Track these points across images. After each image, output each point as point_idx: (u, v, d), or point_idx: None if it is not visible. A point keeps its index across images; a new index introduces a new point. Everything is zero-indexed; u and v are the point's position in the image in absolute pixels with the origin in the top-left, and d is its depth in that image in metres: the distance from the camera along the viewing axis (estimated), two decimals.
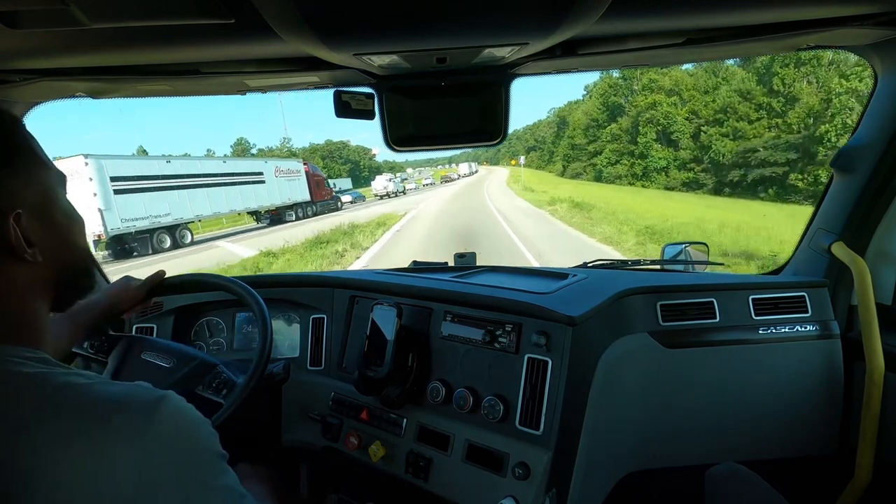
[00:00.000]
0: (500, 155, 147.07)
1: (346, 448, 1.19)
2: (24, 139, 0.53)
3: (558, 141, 71.80)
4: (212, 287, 1.15)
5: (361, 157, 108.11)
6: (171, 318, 1.44)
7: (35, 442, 0.41)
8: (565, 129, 69.72)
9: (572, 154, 55.96)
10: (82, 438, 0.42)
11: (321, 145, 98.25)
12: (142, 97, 1.20)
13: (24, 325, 0.52)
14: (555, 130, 78.80)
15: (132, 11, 0.68)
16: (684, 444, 1.33)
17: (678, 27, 0.91)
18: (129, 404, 0.45)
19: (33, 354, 0.49)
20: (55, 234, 0.54)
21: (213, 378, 1.04)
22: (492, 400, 1.03)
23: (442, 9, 0.69)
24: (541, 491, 0.93)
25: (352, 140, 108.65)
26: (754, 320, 1.29)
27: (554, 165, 70.99)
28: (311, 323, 1.40)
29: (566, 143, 57.79)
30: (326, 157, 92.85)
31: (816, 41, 1.03)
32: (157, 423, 0.45)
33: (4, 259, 0.49)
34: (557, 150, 70.17)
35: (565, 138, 59.63)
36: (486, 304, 1.13)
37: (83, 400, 0.45)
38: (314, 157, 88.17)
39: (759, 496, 0.91)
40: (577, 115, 56.20)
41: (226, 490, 0.49)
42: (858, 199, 1.21)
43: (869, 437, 1.18)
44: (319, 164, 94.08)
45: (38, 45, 0.82)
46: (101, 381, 0.48)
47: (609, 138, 44.87)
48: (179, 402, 0.49)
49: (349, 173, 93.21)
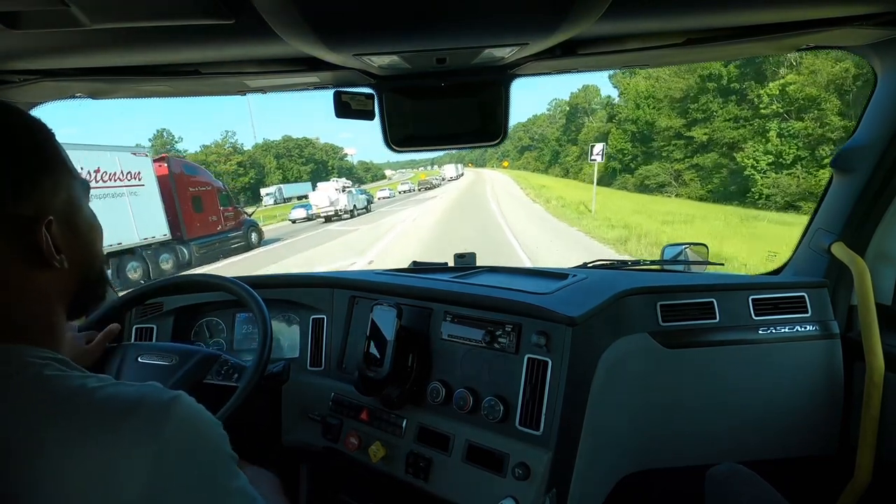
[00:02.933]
0: (486, 156, 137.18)
1: (346, 448, 1.19)
2: (54, 148, 0.54)
3: (567, 141, 60.83)
4: (212, 287, 1.15)
5: (330, 157, 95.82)
6: (171, 319, 1.44)
7: (45, 442, 0.41)
8: (579, 121, 57.72)
9: (637, 151, 37.44)
10: (92, 441, 0.42)
11: (276, 142, 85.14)
12: (142, 97, 1.20)
13: (47, 329, 0.52)
14: (562, 125, 65.50)
15: (132, 12, 0.68)
16: (684, 445, 1.33)
17: (678, 27, 0.91)
18: (141, 406, 0.45)
19: (53, 356, 0.49)
20: (80, 242, 0.55)
21: (220, 366, 1.05)
22: (492, 400, 1.03)
23: (442, 9, 0.69)
24: (541, 491, 0.93)
25: (321, 138, 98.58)
26: (754, 320, 1.29)
27: (558, 168, 61.69)
28: (311, 323, 1.40)
29: (620, 135, 39.02)
30: (283, 155, 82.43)
31: (816, 41, 1.03)
32: (169, 424, 0.45)
33: (34, 266, 0.50)
34: (565, 150, 60.58)
35: (626, 122, 38.61)
36: (486, 304, 1.13)
37: (95, 402, 0.45)
38: (265, 156, 78.78)
39: (760, 496, 0.91)
40: (642, 85, 37.00)
41: (239, 493, 0.49)
42: (858, 199, 1.21)
43: (869, 438, 1.18)
44: (271, 164, 79.49)
45: (38, 45, 0.82)
46: (114, 383, 0.48)
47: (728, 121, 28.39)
48: (192, 403, 0.49)
49: (311, 175, 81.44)
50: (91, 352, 1.00)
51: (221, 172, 67.43)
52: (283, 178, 78.42)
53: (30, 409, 0.43)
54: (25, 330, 0.50)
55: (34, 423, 0.43)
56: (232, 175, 69.88)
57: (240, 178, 71.96)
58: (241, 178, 72.02)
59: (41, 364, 0.47)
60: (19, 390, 0.44)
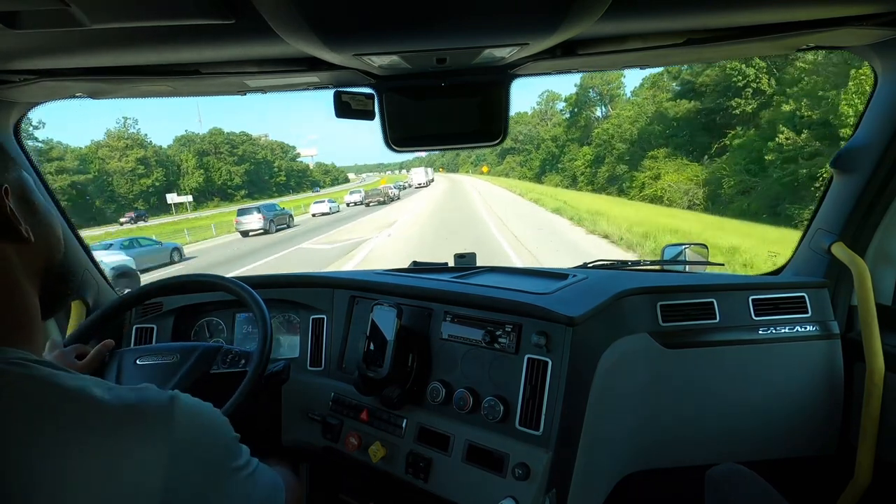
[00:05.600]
0: (459, 161, 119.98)
1: (346, 448, 1.19)
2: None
3: (569, 140, 47.88)
4: (212, 287, 1.15)
5: (277, 157, 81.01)
6: (171, 319, 1.44)
7: (45, 448, 0.41)
8: (584, 116, 45.91)
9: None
10: (95, 442, 0.42)
11: (200, 136, 67.92)
12: (142, 97, 1.20)
13: (24, 325, 0.52)
14: (566, 121, 51.39)
15: (132, 12, 0.68)
16: (684, 445, 1.33)
17: (678, 27, 0.91)
18: (145, 408, 0.46)
19: (36, 357, 0.49)
20: (38, 220, 0.56)
21: (223, 356, 1.06)
22: (492, 400, 1.03)
23: (442, 9, 0.69)
24: (541, 491, 0.93)
25: (270, 135, 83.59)
26: (754, 321, 1.29)
27: (555, 176, 47.31)
28: (311, 323, 1.40)
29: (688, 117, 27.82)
30: (208, 152, 66.62)
31: (816, 41, 1.03)
32: (176, 424, 0.46)
33: (1, 235, 0.50)
34: (570, 152, 45.95)
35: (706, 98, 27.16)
36: (486, 304, 1.13)
37: (95, 406, 0.45)
38: (182, 152, 63.02)
39: (760, 496, 0.91)
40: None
41: (243, 468, 0.53)
42: (858, 200, 1.21)
43: (869, 438, 1.18)
44: (189, 163, 60.45)
45: (38, 45, 0.82)
46: (109, 385, 0.48)
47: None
48: (189, 399, 0.50)
49: (245, 177, 68.36)
50: (85, 367, 0.98)
51: (113, 171, 54.73)
52: (206, 181, 64.61)
53: (24, 413, 0.43)
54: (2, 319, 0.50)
55: (32, 427, 0.42)
56: (129, 175, 55.86)
57: (140, 178, 56.74)
58: (141, 178, 56.84)
59: (22, 364, 0.46)
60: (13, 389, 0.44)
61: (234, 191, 68.76)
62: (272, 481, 0.59)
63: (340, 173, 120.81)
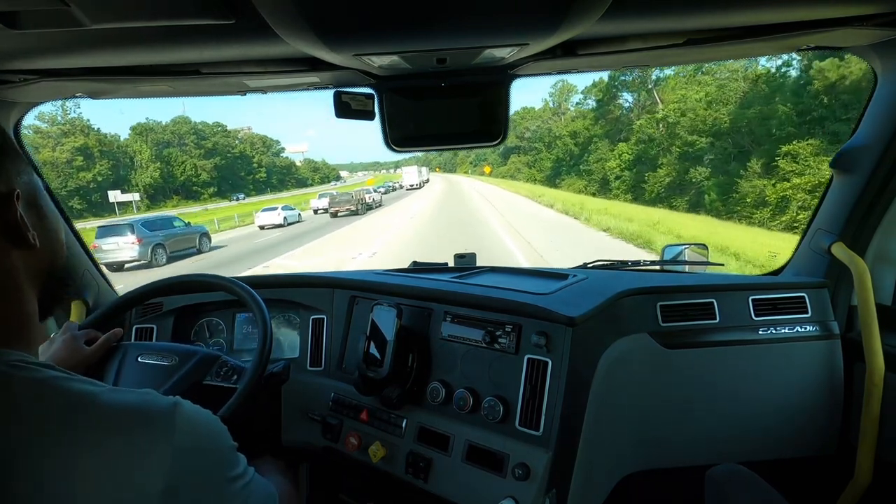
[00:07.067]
0: (457, 160, 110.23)
1: (346, 448, 1.19)
2: (10, 139, 0.55)
3: (595, 136, 37.09)
4: (212, 287, 1.15)
5: (257, 151, 71.46)
6: (171, 319, 1.44)
7: (49, 450, 0.42)
8: (617, 105, 35.67)
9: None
10: (103, 445, 0.43)
11: (162, 125, 59.36)
12: (142, 97, 1.20)
13: (22, 326, 0.52)
14: (592, 111, 40.42)
15: (132, 12, 0.68)
16: (684, 445, 1.33)
17: (678, 27, 0.91)
18: (149, 413, 0.46)
19: (34, 358, 0.49)
20: (46, 225, 0.56)
21: (219, 367, 1.06)
22: (492, 400, 1.03)
23: (442, 9, 0.69)
24: (541, 491, 0.93)
25: (253, 127, 74.18)
26: (754, 321, 1.29)
27: (577, 180, 37.17)
28: (310, 323, 1.40)
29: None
30: (171, 143, 58.22)
31: (816, 42, 1.04)
32: (178, 431, 0.47)
33: (9, 241, 0.50)
34: (598, 150, 35.32)
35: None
36: (485, 304, 1.13)
37: (99, 409, 0.45)
38: (137, 142, 53.66)
39: (760, 497, 0.91)
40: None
41: (241, 478, 0.53)
42: (858, 200, 1.21)
43: (869, 438, 1.18)
44: (144, 155, 50.42)
45: (38, 45, 0.82)
46: (111, 389, 0.48)
47: None
48: (191, 406, 0.51)
49: (215, 172, 59.57)
50: (92, 354, 1.01)
51: (45, 162, 43.77)
52: (166, 176, 54.86)
53: (27, 416, 0.43)
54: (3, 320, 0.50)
55: (35, 429, 0.42)
56: (63, 167, 45.20)
57: (79, 172, 46.04)
58: (80, 172, 46.10)
59: (23, 367, 0.47)
60: (18, 392, 0.44)
61: (200, 188, 60.51)
62: (266, 491, 0.59)
63: (332, 171, 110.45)
